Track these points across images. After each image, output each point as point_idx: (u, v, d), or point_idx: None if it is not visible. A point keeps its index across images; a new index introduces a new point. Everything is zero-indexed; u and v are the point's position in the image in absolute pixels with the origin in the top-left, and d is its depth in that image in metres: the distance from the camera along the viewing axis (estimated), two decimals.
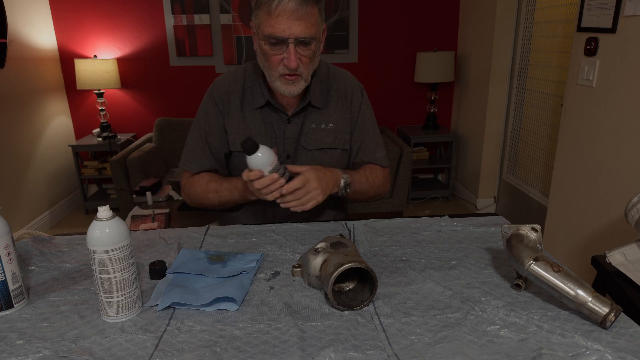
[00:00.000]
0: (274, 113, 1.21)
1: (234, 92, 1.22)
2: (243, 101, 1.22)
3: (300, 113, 1.21)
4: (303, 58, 1.07)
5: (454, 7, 3.62)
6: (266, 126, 1.21)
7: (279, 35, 1.02)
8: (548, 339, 0.71)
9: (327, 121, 1.23)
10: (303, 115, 1.22)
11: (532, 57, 2.96)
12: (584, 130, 2.03)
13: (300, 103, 1.20)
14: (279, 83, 1.11)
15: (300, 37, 1.03)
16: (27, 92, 3.10)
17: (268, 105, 1.20)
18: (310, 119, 1.22)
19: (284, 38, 1.03)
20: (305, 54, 1.07)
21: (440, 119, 3.89)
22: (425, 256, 0.99)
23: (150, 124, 3.68)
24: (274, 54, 1.06)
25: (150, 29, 3.48)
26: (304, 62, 1.08)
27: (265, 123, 1.21)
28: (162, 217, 2.28)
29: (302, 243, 1.06)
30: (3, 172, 2.84)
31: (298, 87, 1.11)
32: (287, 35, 1.02)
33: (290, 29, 1.02)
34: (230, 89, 1.22)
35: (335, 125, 1.24)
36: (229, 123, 1.22)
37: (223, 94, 1.22)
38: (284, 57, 1.06)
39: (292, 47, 1.04)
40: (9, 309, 0.81)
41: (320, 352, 0.68)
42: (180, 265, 0.94)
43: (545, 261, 0.78)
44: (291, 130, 1.21)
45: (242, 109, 1.21)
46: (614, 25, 1.80)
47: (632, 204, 1.16)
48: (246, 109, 1.21)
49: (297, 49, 1.05)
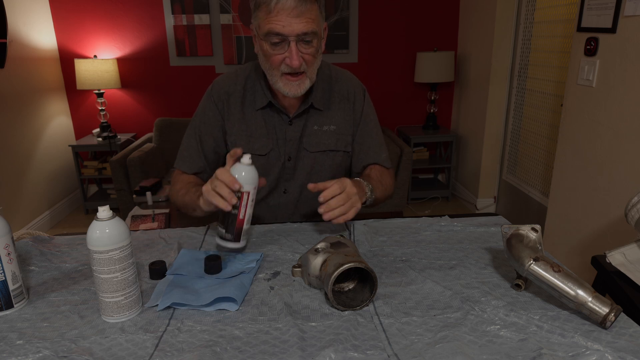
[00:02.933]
0: (276, 114, 1.20)
1: (234, 92, 1.21)
2: (244, 102, 1.21)
3: (302, 115, 1.21)
4: (306, 56, 1.06)
5: (454, 7, 3.62)
6: (267, 127, 1.21)
7: (279, 31, 1.01)
8: (548, 339, 0.71)
9: (330, 123, 1.22)
10: (305, 117, 1.21)
11: (532, 57, 2.95)
12: (584, 130, 2.03)
13: (302, 105, 1.19)
14: (281, 84, 1.09)
15: (302, 34, 1.01)
16: (27, 92, 3.10)
17: (270, 106, 1.20)
18: (312, 120, 1.21)
19: (284, 35, 1.01)
20: (307, 52, 1.05)
21: (440, 119, 3.89)
22: (425, 256, 0.99)
23: (150, 124, 3.68)
24: (275, 53, 1.05)
25: (150, 29, 3.48)
26: (307, 60, 1.07)
27: (267, 124, 1.21)
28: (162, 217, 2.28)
29: (302, 243, 1.06)
30: (3, 172, 2.84)
31: (302, 88, 1.10)
32: (288, 32, 1.01)
33: (291, 26, 1.00)
34: (231, 90, 1.21)
35: (337, 127, 1.23)
36: (229, 124, 1.21)
37: (223, 95, 1.21)
38: (286, 56, 1.04)
39: (293, 45, 1.02)
40: (9, 309, 0.81)
41: (320, 352, 0.68)
42: (180, 266, 0.94)
43: (545, 261, 0.78)
44: (293, 132, 1.21)
45: (242, 110, 1.21)
46: (614, 25, 1.80)
47: (632, 204, 1.16)
48: (247, 109, 1.21)
49: (299, 47, 1.04)
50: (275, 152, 1.21)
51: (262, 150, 1.21)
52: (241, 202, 0.91)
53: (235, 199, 0.89)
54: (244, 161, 0.91)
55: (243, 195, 0.90)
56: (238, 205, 0.91)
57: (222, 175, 0.91)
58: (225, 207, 0.89)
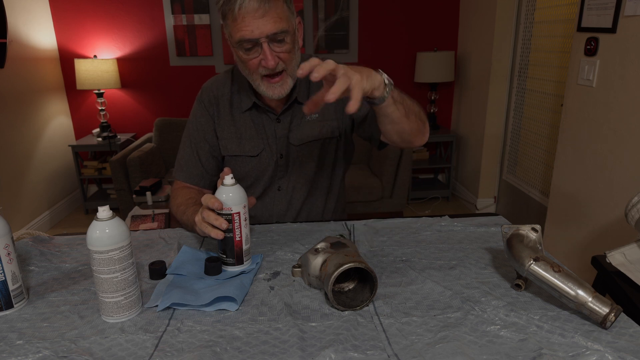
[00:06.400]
0: (263, 114, 1.20)
1: (223, 95, 1.21)
2: (232, 104, 1.21)
3: (288, 111, 1.20)
4: (282, 54, 1.04)
5: (454, 7, 3.62)
6: (257, 128, 1.21)
7: (248, 37, 1.00)
8: (548, 339, 0.71)
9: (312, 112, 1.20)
10: (291, 113, 1.21)
11: (532, 57, 2.95)
12: (584, 130, 2.03)
13: (287, 101, 1.19)
14: (263, 88, 1.08)
15: (271, 34, 1.00)
16: (27, 92, 3.10)
17: (256, 107, 1.20)
18: (297, 115, 1.21)
19: (254, 39, 1.00)
20: (282, 50, 1.04)
21: (440, 119, 3.89)
22: (425, 256, 0.99)
23: (150, 124, 3.68)
24: (250, 58, 1.04)
25: (150, 29, 3.48)
26: (284, 59, 1.05)
27: (256, 125, 1.21)
28: (162, 217, 2.28)
29: (302, 243, 1.06)
30: (3, 172, 2.84)
31: (285, 88, 1.09)
32: (257, 35, 0.99)
33: (259, 28, 0.99)
34: (219, 93, 1.22)
35: (320, 114, 1.21)
36: (219, 127, 1.22)
37: (212, 99, 1.22)
38: (261, 58, 1.03)
39: (265, 47, 1.01)
40: (8, 309, 0.81)
41: (320, 352, 0.68)
42: (181, 265, 0.94)
43: (546, 261, 0.78)
44: (282, 129, 1.21)
45: (231, 113, 1.21)
46: (614, 25, 1.80)
47: (632, 204, 1.16)
48: (235, 112, 1.21)
49: (272, 47, 1.02)
50: (267, 151, 1.22)
51: (253, 151, 1.22)
52: (234, 224, 0.90)
53: (226, 223, 0.89)
54: (227, 182, 0.91)
55: (234, 217, 0.90)
56: (231, 228, 0.90)
57: (205, 201, 0.90)
58: (218, 236, 0.89)
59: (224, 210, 0.89)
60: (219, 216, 0.89)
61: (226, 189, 0.90)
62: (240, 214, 0.91)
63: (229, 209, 0.89)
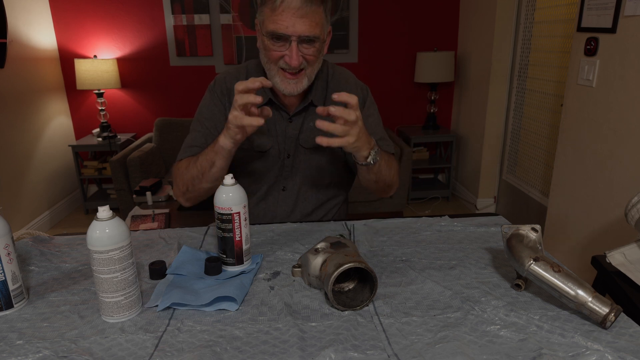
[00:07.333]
0: (276, 112, 1.20)
1: None
2: None
3: (302, 112, 1.21)
4: (307, 56, 1.06)
5: (454, 7, 3.62)
6: (268, 124, 1.21)
7: (282, 32, 1.01)
8: (548, 339, 0.71)
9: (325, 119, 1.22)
10: (304, 115, 1.21)
11: (532, 57, 2.95)
12: (584, 130, 2.03)
13: (302, 102, 1.19)
14: (278, 79, 1.09)
15: (304, 36, 1.02)
16: (27, 92, 3.10)
17: (270, 103, 1.20)
18: (311, 118, 1.22)
19: (286, 35, 1.02)
20: (308, 52, 1.06)
21: (440, 119, 3.89)
22: (425, 256, 0.99)
23: (150, 124, 3.68)
24: (275, 49, 1.05)
25: (150, 29, 3.48)
26: (308, 60, 1.07)
27: (267, 121, 1.20)
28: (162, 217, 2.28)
29: (302, 243, 1.06)
30: (3, 172, 2.84)
31: (300, 87, 1.10)
32: (290, 32, 1.01)
33: (294, 27, 1.01)
34: (232, 87, 1.21)
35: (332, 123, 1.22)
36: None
37: (225, 90, 1.21)
38: (285, 54, 1.05)
39: (294, 45, 1.03)
40: (8, 309, 0.81)
41: (320, 352, 0.68)
42: (181, 265, 0.94)
43: (545, 261, 0.78)
44: (292, 129, 1.21)
45: None
46: (614, 25, 1.80)
47: (632, 204, 1.16)
48: None
49: (300, 47, 1.04)
50: (275, 149, 1.22)
51: (262, 147, 1.21)
52: (234, 224, 0.90)
53: (260, 98, 0.92)
54: (227, 182, 0.90)
55: (234, 217, 0.90)
56: (231, 228, 0.90)
57: (237, 86, 0.93)
58: (257, 122, 0.93)
59: (224, 210, 0.90)
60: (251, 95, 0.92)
61: (226, 188, 0.90)
62: (240, 214, 0.91)
63: (229, 209, 0.89)
